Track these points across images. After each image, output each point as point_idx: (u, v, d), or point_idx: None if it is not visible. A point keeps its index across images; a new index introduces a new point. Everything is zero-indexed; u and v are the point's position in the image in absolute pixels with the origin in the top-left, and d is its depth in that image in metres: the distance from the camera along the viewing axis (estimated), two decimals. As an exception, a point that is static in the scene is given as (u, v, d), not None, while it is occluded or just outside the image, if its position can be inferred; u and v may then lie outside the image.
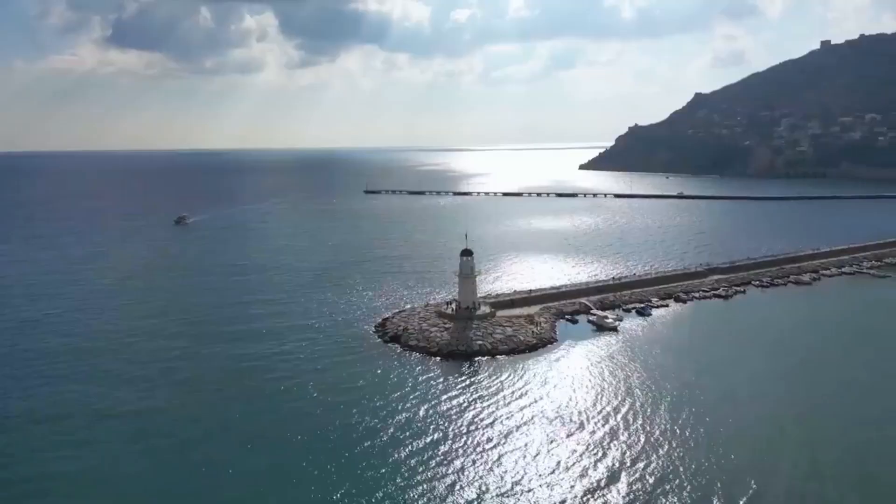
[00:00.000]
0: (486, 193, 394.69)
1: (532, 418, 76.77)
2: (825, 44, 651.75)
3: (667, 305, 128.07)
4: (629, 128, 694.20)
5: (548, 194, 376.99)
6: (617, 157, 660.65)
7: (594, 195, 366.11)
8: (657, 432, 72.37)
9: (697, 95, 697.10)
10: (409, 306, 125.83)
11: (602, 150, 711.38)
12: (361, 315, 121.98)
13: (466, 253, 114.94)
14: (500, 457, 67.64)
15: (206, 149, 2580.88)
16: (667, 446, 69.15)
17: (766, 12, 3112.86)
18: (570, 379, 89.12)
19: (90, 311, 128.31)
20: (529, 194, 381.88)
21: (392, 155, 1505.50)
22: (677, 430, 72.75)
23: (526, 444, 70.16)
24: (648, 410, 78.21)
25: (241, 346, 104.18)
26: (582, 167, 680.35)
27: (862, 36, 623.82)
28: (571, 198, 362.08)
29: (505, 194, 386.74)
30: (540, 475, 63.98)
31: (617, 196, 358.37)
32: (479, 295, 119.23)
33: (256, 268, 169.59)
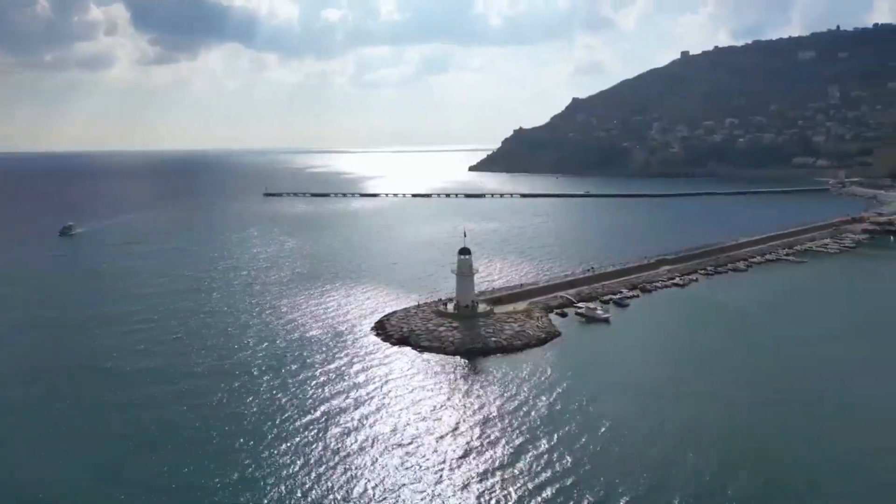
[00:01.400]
0: (395, 195, 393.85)
1: (589, 401, 79.26)
2: (685, 54, 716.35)
3: (637, 296, 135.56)
4: (514, 131, 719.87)
5: (456, 195, 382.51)
6: (504, 159, 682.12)
7: (501, 195, 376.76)
8: (711, 407, 77.36)
9: (575, 100, 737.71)
10: (393, 309, 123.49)
11: (490, 153, 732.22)
12: (351, 322, 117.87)
13: (464, 251, 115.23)
14: (586, 442, 69.38)
15: (56, 151, 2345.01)
16: (721, 418, 74.27)
17: (620, 25, 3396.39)
18: (597, 367, 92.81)
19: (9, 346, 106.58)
20: (439, 195, 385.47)
21: (268, 157, 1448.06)
22: (724, 403, 78.38)
23: (604, 426, 72.42)
24: (684, 389, 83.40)
25: (247, 379, 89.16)
26: (472, 168, 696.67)
27: (716, 48, 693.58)
28: (480, 198, 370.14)
29: (414, 195, 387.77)
30: (637, 457, 66.42)
31: (524, 196, 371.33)
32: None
33: (203, 285, 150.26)
